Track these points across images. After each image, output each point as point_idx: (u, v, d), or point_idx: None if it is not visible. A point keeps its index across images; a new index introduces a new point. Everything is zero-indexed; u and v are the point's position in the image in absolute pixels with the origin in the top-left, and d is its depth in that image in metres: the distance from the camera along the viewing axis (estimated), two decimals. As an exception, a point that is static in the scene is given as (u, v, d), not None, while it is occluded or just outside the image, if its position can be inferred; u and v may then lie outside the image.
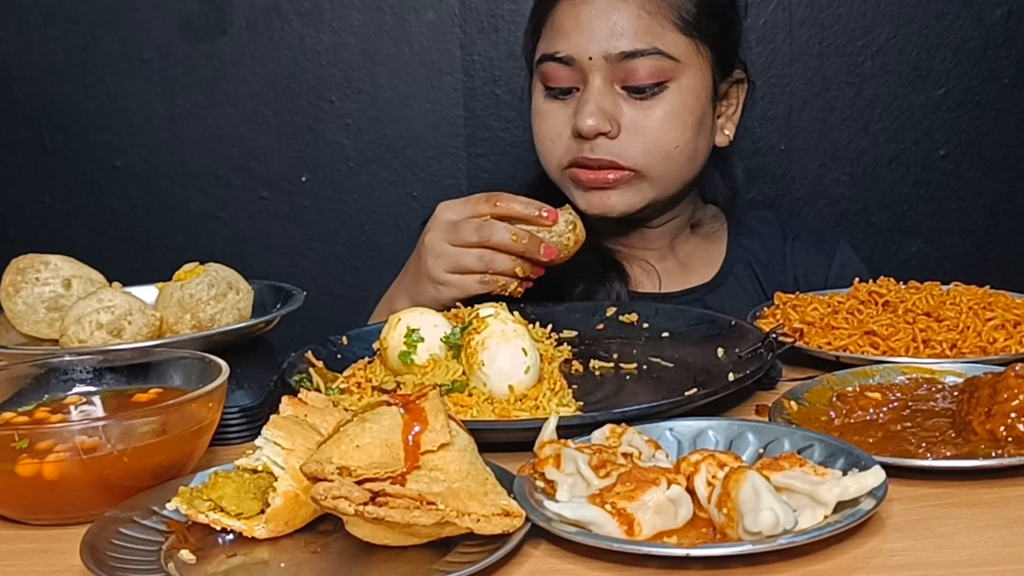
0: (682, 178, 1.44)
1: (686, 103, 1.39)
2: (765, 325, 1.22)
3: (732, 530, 0.73)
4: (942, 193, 1.98)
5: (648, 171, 1.39)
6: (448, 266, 1.30)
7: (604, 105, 1.37)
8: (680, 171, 1.42)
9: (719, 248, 1.58)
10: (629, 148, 1.38)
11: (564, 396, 1.03)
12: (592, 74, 1.37)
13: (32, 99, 1.94)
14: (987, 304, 1.21)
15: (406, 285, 1.37)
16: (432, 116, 1.94)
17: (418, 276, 1.33)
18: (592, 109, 1.36)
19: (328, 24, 1.92)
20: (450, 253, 1.29)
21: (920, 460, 0.85)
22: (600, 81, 1.37)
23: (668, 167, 1.40)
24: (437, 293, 1.31)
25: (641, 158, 1.38)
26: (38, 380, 0.96)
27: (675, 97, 1.38)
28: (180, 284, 1.09)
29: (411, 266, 1.37)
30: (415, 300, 1.33)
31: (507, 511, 0.74)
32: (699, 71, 1.40)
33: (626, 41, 1.35)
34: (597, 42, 1.36)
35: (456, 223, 1.30)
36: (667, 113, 1.38)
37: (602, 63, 1.36)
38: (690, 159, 1.42)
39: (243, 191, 1.97)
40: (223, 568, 0.76)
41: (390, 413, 0.79)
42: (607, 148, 1.38)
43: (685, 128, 1.39)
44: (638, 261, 1.52)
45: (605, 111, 1.37)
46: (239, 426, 1.01)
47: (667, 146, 1.39)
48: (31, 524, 0.85)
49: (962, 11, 1.91)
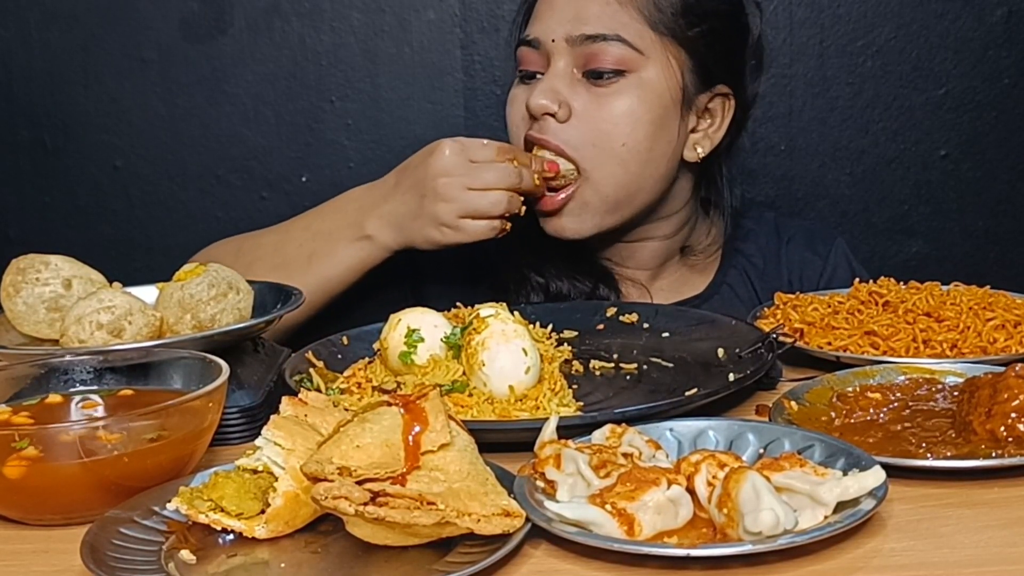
0: (635, 185, 1.39)
1: (644, 98, 1.36)
2: (765, 325, 1.22)
3: (732, 530, 0.73)
4: (942, 193, 1.98)
5: (589, 166, 1.36)
6: (462, 211, 1.29)
7: (558, 87, 1.37)
8: (629, 175, 1.38)
9: (713, 261, 1.57)
10: (575, 136, 1.36)
11: (564, 396, 1.03)
12: (555, 56, 1.38)
13: (32, 99, 1.94)
14: (987, 304, 1.21)
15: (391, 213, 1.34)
16: (432, 116, 1.94)
17: (417, 215, 1.31)
18: (544, 88, 1.36)
19: (328, 24, 1.92)
20: (467, 199, 1.28)
21: (920, 460, 0.85)
22: (562, 64, 1.37)
23: (612, 166, 1.36)
24: (440, 236, 1.30)
25: (586, 150, 1.36)
26: (38, 380, 0.96)
27: (633, 90, 1.36)
28: (180, 284, 1.09)
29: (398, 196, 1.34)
30: (405, 235, 1.33)
31: (507, 511, 0.74)
32: (665, 70, 1.37)
33: (590, 25, 1.35)
34: (562, 24, 1.37)
35: (478, 166, 1.29)
36: (622, 106, 1.36)
37: (564, 46, 1.36)
38: (643, 163, 1.37)
39: (243, 191, 1.97)
40: (223, 568, 0.76)
41: (390, 413, 0.79)
42: (555, 131, 1.37)
43: (638, 125, 1.36)
44: (630, 281, 1.51)
45: (558, 92, 1.36)
46: (239, 426, 1.01)
47: (614, 140, 1.36)
48: (31, 524, 0.85)
49: (962, 11, 1.91)
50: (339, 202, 1.43)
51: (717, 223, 1.57)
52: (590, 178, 1.38)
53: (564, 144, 1.37)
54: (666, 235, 1.51)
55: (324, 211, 1.44)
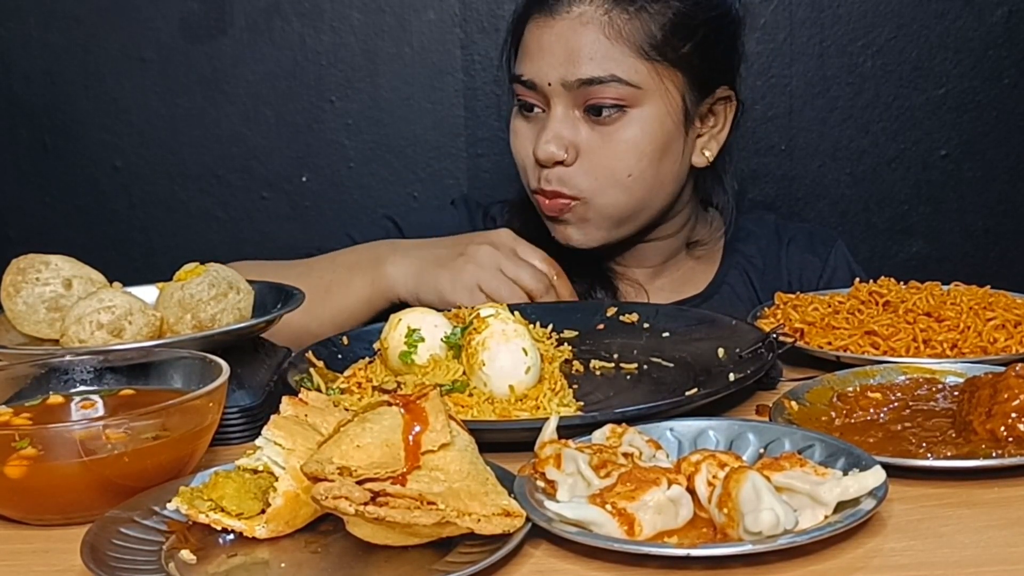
0: (642, 205, 1.42)
1: (646, 131, 1.38)
2: (765, 325, 1.22)
3: (733, 530, 0.73)
4: (942, 193, 1.98)
5: (592, 199, 1.39)
6: (482, 281, 1.33)
7: (563, 132, 1.38)
8: (634, 200, 1.40)
9: (714, 260, 1.58)
10: (578, 176, 1.38)
11: (565, 396, 1.03)
12: (554, 100, 1.38)
13: (32, 99, 1.94)
14: (987, 304, 1.21)
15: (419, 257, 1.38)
16: (432, 116, 1.94)
17: (443, 264, 1.35)
18: (550, 136, 1.38)
19: (328, 24, 1.92)
20: (492, 277, 1.33)
21: (920, 460, 0.85)
22: (561, 108, 1.38)
23: (618, 196, 1.39)
24: (450, 291, 1.33)
25: (588, 186, 1.38)
26: (38, 380, 0.96)
27: (635, 124, 1.37)
28: (181, 284, 1.09)
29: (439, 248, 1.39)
30: (418, 280, 1.35)
31: (508, 511, 0.74)
32: (664, 97, 1.38)
33: (583, 68, 1.35)
34: (556, 68, 1.37)
35: (520, 261, 1.35)
36: (625, 140, 1.37)
37: (561, 90, 1.37)
38: (650, 187, 1.40)
39: (243, 191, 1.97)
40: (224, 568, 0.76)
41: (390, 413, 0.79)
42: (559, 177, 1.39)
43: (641, 157, 1.38)
44: (629, 280, 1.51)
45: (563, 138, 1.37)
46: (239, 426, 1.01)
47: (619, 174, 1.38)
48: (31, 524, 0.85)
49: (962, 11, 1.91)
50: (379, 243, 1.45)
51: (716, 217, 1.59)
52: (592, 203, 1.40)
53: (570, 188, 1.39)
54: (669, 233, 1.52)
55: (357, 247, 1.46)
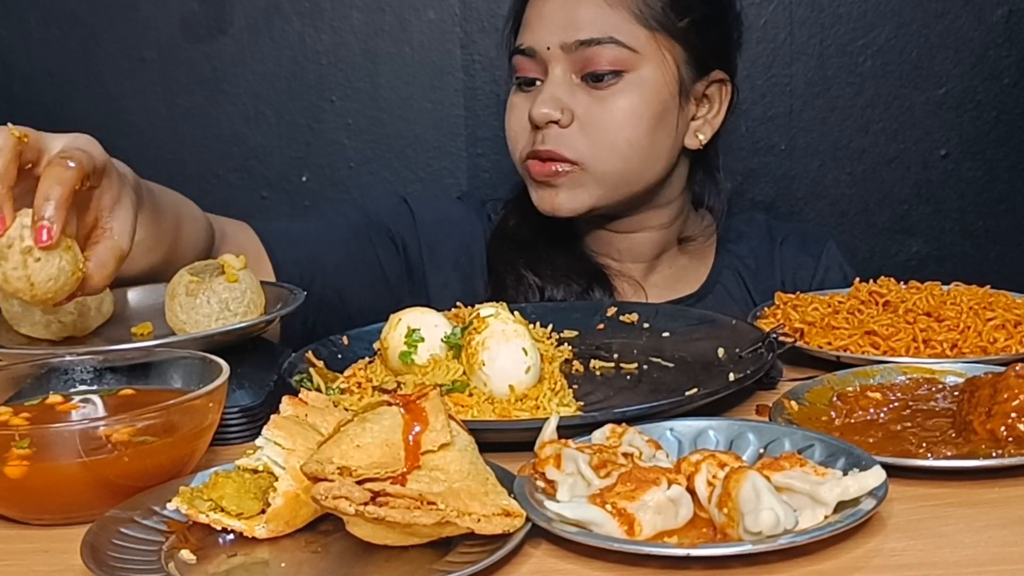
0: (636, 175, 1.42)
1: (644, 96, 1.39)
2: (765, 325, 1.22)
3: (732, 530, 0.73)
4: (942, 193, 1.98)
5: (591, 165, 1.39)
6: None
7: (559, 93, 1.39)
8: (630, 168, 1.41)
9: (707, 259, 1.58)
10: (576, 139, 1.39)
11: (564, 396, 1.03)
12: (552, 64, 1.40)
13: (32, 99, 1.94)
14: (987, 304, 1.21)
15: None
16: (432, 116, 1.94)
17: None
18: (546, 97, 1.38)
19: (328, 24, 1.92)
20: None
21: (920, 460, 0.85)
22: (560, 71, 1.39)
23: (615, 162, 1.40)
24: None
25: (587, 150, 1.39)
26: (38, 380, 0.96)
27: (633, 89, 1.38)
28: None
29: None
30: None
31: (508, 511, 0.74)
32: (661, 65, 1.39)
33: (583, 31, 1.37)
34: (555, 32, 1.39)
35: None
36: (623, 105, 1.38)
37: (560, 53, 1.39)
38: (645, 156, 1.41)
39: (243, 191, 1.97)
40: (224, 568, 0.76)
41: (390, 413, 0.79)
42: (556, 139, 1.39)
43: (640, 122, 1.39)
44: (625, 277, 1.52)
45: (559, 99, 1.38)
46: (239, 426, 1.01)
47: (617, 139, 1.39)
48: (31, 524, 0.85)
49: (962, 11, 1.91)
50: None
51: (707, 216, 1.60)
52: (589, 168, 1.40)
53: (568, 150, 1.39)
54: (662, 224, 1.53)
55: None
